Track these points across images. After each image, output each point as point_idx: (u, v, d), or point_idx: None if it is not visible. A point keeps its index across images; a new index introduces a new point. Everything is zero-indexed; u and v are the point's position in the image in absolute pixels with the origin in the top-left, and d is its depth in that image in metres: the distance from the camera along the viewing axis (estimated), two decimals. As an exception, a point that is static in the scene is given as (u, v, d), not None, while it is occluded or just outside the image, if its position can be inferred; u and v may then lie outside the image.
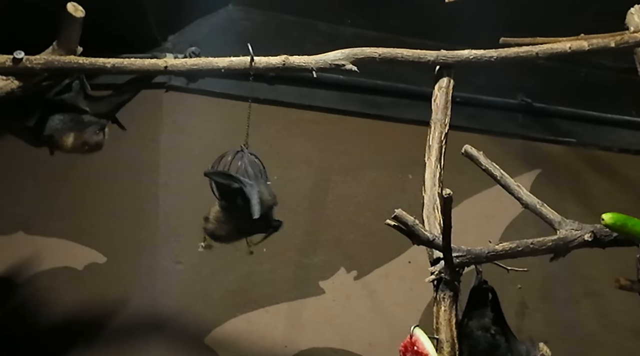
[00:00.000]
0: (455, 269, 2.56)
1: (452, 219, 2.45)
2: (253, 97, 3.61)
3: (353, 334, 3.61)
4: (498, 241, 3.61)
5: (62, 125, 2.82)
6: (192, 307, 3.41)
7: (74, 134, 2.84)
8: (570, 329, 3.94)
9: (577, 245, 2.61)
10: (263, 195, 2.75)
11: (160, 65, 2.76)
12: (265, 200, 2.74)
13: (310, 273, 3.65)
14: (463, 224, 2.77)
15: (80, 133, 2.85)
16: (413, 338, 2.47)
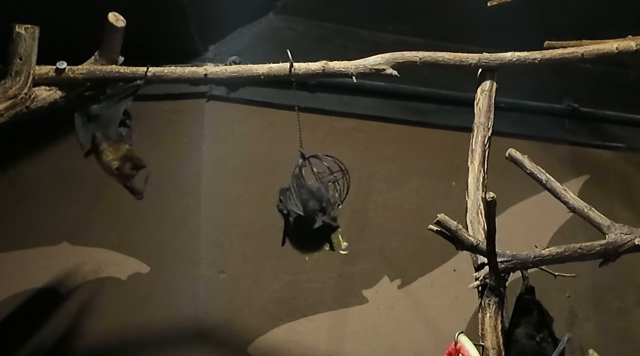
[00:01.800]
0: (500, 275, 2.51)
1: (496, 225, 2.40)
2: (295, 105, 3.65)
3: (398, 344, 3.56)
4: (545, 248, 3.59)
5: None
6: (236, 316, 3.40)
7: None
8: (623, 339, 3.84)
9: (627, 250, 2.55)
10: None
11: (200, 73, 2.77)
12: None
13: (354, 282, 3.61)
14: (509, 231, 2.73)
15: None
16: (458, 345, 2.42)
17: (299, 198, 2.91)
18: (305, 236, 3.05)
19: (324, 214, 2.93)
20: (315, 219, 2.91)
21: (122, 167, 2.80)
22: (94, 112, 2.83)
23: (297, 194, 2.92)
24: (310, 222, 2.93)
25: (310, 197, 2.93)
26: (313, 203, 2.93)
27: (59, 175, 3.40)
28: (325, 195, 2.93)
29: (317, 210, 2.93)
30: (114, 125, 2.87)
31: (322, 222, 2.90)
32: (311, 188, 2.95)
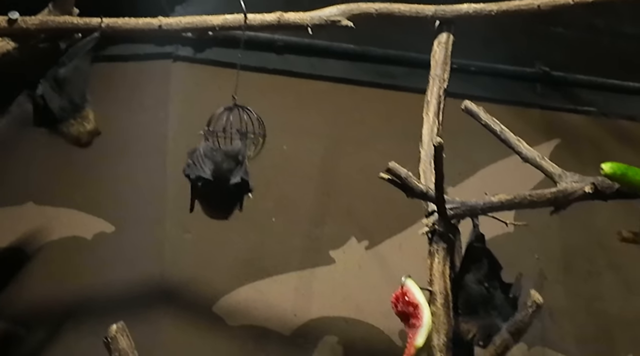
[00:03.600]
0: (449, 221, 2.51)
1: (466, 188, 2.41)
2: (261, 67, 3.66)
3: (365, 304, 3.56)
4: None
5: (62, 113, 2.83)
6: (201, 276, 3.40)
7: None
8: (592, 302, 3.83)
9: (577, 198, 2.55)
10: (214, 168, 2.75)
11: (155, 24, 2.77)
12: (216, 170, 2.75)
13: (321, 243, 3.62)
14: (479, 195, 2.72)
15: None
16: (404, 289, 2.43)
17: (212, 162, 2.83)
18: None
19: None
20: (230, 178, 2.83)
21: (90, 141, 2.84)
22: (61, 76, 2.84)
23: (209, 157, 2.83)
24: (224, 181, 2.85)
25: (225, 158, 2.85)
26: (228, 163, 2.86)
27: (24, 136, 3.40)
28: (242, 151, 2.85)
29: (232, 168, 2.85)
30: (80, 89, 2.89)
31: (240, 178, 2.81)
32: (226, 149, 2.87)
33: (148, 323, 3.28)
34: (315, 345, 3.49)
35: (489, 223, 3.38)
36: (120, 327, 2.52)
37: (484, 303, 2.45)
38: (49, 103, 2.81)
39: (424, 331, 2.35)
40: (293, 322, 3.49)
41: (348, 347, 3.52)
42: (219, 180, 2.82)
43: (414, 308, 2.39)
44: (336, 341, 3.52)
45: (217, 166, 2.79)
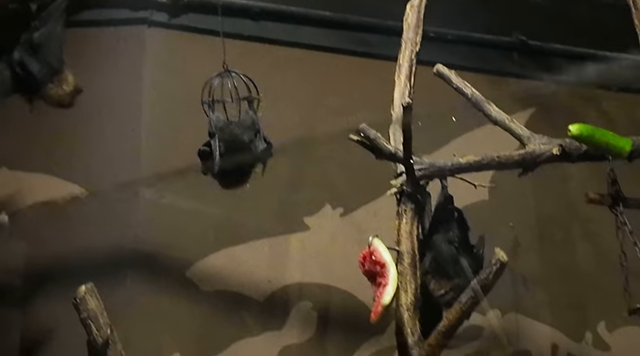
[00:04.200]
0: (417, 182, 2.52)
1: (441, 156, 2.41)
2: (237, 33, 3.63)
3: (339, 270, 3.57)
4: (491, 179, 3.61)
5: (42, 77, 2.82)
6: (174, 241, 3.40)
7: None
8: (565, 270, 3.85)
9: (545, 160, 2.56)
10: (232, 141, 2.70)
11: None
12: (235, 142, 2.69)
13: (296, 209, 3.62)
14: None
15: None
16: (371, 248, 2.44)
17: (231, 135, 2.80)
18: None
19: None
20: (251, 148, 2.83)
21: (72, 101, 2.83)
22: (36, 40, 2.83)
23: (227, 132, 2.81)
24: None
25: (243, 130, 2.84)
26: (248, 134, 2.86)
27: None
28: (255, 119, 2.87)
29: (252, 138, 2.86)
30: (56, 52, 2.87)
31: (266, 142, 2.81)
32: (239, 122, 2.86)
33: (121, 288, 3.28)
34: (289, 311, 3.50)
35: (464, 191, 3.42)
36: (89, 288, 2.53)
37: (452, 262, 2.47)
38: (29, 68, 2.80)
39: (390, 289, 2.36)
40: (267, 288, 3.50)
41: (322, 313, 3.53)
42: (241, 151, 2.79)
43: (381, 267, 2.40)
44: (310, 308, 3.53)
45: (237, 139, 2.78)
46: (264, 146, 2.81)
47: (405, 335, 2.39)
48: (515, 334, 3.70)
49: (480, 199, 3.80)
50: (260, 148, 2.81)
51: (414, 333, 2.40)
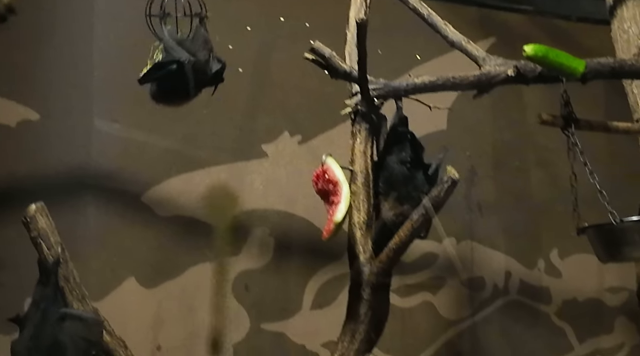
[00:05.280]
0: (371, 101, 2.51)
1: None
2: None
3: (297, 197, 3.57)
4: (450, 105, 3.61)
5: None
6: (129, 166, 3.37)
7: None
8: (520, 198, 3.90)
9: (500, 81, 2.55)
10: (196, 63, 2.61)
11: None
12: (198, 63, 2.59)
13: (254, 136, 3.59)
14: None
15: None
16: (324, 167, 2.43)
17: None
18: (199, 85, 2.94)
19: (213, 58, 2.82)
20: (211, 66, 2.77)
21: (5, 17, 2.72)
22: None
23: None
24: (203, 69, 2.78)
25: (197, 48, 2.76)
26: (203, 53, 2.78)
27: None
28: (207, 37, 2.80)
29: (207, 58, 2.79)
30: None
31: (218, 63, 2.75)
32: (193, 40, 2.77)
33: (75, 212, 3.26)
34: (246, 237, 3.51)
35: (423, 121, 3.42)
36: (39, 207, 2.50)
37: (405, 182, 2.47)
38: None
39: (342, 207, 2.37)
40: (224, 214, 3.49)
41: (279, 239, 3.54)
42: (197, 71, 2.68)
43: (334, 186, 2.40)
44: (268, 233, 3.54)
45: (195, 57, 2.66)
46: (218, 66, 2.74)
47: (357, 253, 2.41)
48: (470, 261, 3.76)
49: (438, 128, 3.82)
50: (214, 69, 2.75)
51: (365, 251, 2.41)
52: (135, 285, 3.28)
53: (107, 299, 3.18)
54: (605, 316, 3.79)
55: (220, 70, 2.73)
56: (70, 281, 2.41)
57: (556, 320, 3.75)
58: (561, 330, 3.74)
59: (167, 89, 2.63)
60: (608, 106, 3.75)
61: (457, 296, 3.70)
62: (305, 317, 3.49)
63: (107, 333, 2.39)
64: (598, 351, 3.74)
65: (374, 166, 2.51)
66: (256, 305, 3.44)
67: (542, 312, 3.74)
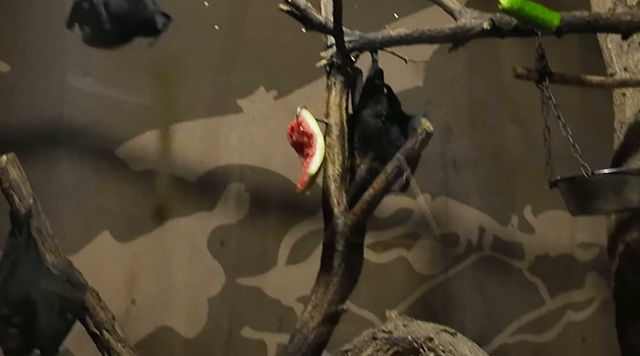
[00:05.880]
0: (347, 54, 2.49)
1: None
2: None
3: (272, 153, 3.56)
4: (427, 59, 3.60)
5: None
6: (103, 119, 3.34)
7: None
8: (496, 155, 3.92)
9: (476, 34, 2.54)
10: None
11: None
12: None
13: (229, 91, 3.57)
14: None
15: None
16: (299, 119, 2.42)
17: None
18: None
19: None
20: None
21: None
22: None
23: None
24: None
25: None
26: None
27: None
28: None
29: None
30: None
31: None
32: None
33: (48, 166, 3.24)
34: (221, 193, 3.50)
35: (400, 77, 3.41)
36: (10, 158, 2.47)
37: (380, 136, 2.46)
38: None
39: (317, 159, 2.36)
40: (199, 169, 3.48)
41: (255, 195, 3.54)
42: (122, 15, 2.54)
43: (308, 138, 2.40)
44: (243, 189, 3.53)
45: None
46: (163, 20, 2.53)
47: (332, 206, 2.41)
48: (444, 217, 3.79)
49: (415, 85, 3.82)
50: (160, 23, 2.54)
51: (340, 204, 2.42)
52: (109, 239, 3.27)
53: (81, 253, 3.17)
54: (577, 272, 3.84)
55: (159, 23, 2.51)
56: (42, 233, 2.40)
57: (528, 275, 3.80)
58: (533, 285, 3.79)
59: (95, 31, 2.46)
60: (583, 62, 3.76)
61: (431, 252, 3.73)
62: (280, 272, 3.51)
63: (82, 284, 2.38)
64: (569, 306, 3.80)
65: (349, 119, 2.49)
66: (231, 260, 3.45)
67: (515, 268, 3.79)
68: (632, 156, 2.72)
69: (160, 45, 3.04)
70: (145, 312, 3.27)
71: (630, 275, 2.71)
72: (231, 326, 3.38)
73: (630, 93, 2.76)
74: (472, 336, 2.05)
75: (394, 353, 1.96)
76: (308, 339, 2.34)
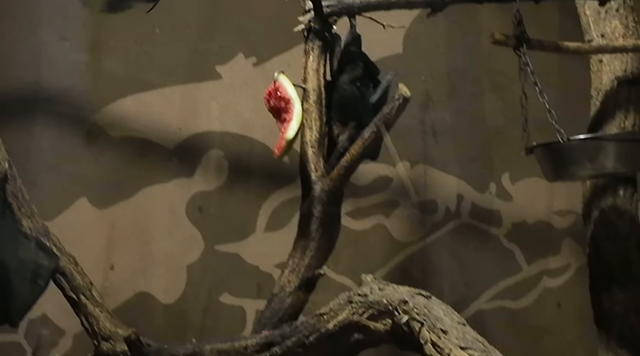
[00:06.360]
0: (325, 19, 2.48)
1: None
2: None
3: (251, 119, 3.55)
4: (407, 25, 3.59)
5: None
6: (80, 85, 3.32)
7: None
8: (474, 123, 3.93)
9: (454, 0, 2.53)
10: None
11: None
12: None
13: (208, 58, 3.55)
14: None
15: None
16: (277, 84, 2.42)
17: None
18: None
19: None
20: None
21: None
22: None
23: None
24: None
25: None
26: None
27: None
28: None
29: None
30: None
31: None
32: None
33: (25, 131, 3.23)
34: (200, 159, 3.50)
35: (379, 44, 3.40)
36: (-14, 123, 2.45)
37: (356, 103, 2.46)
38: None
39: (294, 124, 2.36)
40: (177, 136, 3.47)
41: (233, 162, 3.54)
42: None
43: (286, 103, 2.39)
44: (222, 156, 3.53)
45: None
46: None
47: (309, 171, 2.42)
48: (423, 185, 3.80)
49: (394, 52, 3.81)
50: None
51: (317, 169, 2.42)
52: (87, 205, 3.26)
53: (58, 219, 3.17)
54: (553, 238, 3.87)
55: None
56: (18, 197, 2.39)
57: (505, 242, 3.83)
58: (510, 252, 3.82)
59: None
60: (561, 30, 3.76)
61: (410, 219, 3.75)
62: (259, 239, 3.52)
63: (57, 250, 2.38)
64: (545, 272, 3.84)
65: (326, 85, 2.49)
66: (210, 226, 3.45)
67: (492, 235, 3.82)
68: (608, 122, 2.73)
69: (138, 11, 3.04)
70: (124, 278, 3.27)
71: (604, 240, 2.73)
72: (210, 293, 3.39)
73: (607, 60, 2.77)
74: (449, 302, 2.06)
75: (369, 316, 1.97)
76: (285, 303, 2.36)
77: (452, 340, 1.82)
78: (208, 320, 3.37)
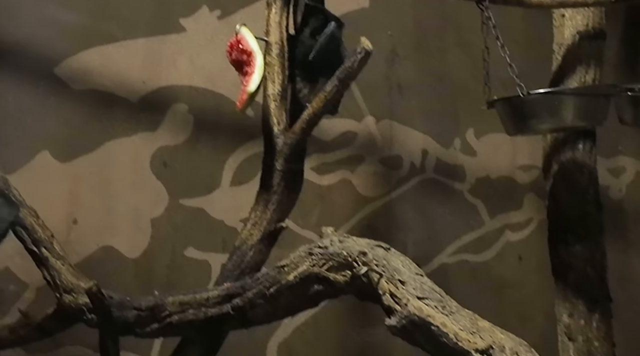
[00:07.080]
0: (288, -30, 2.45)
1: None
2: None
3: (216, 74, 3.52)
4: None
5: None
6: (39, 36, 3.25)
7: None
8: (440, 78, 3.94)
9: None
10: None
11: None
12: None
13: (171, 10, 3.50)
14: None
15: None
16: (238, 37, 2.40)
17: None
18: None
19: None
20: None
21: None
22: None
23: None
24: None
25: None
26: None
27: None
28: None
29: None
30: None
31: None
32: None
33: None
34: (164, 113, 3.47)
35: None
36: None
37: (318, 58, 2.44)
38: None
39: (256, 77, 2.35)
40: (141, 89, 3.43)
41: (198, 116, 3.52)
42: None
43: (248, 56, 2.37)
44: (186, 110, 3.50)
45: None
46: None
47: (271, 124, 2.41)
48: (389, 140, 3.82)
49: (360, 7, 3.79)
50: None
51: (279, 123, 2.42)
52: (49, 158, 3.23)
53: (19, 172, 3.13)
54: (516, 193, 3.93)
55: None
56: (-24, 150, 2.36)
57: (469, 197, 3.87)
58: (473, 207, 3.87)
59: None
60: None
61: (375, 174, 3.77)
62: (224, 193, 3.52)
63: (17, 202, 2.36)
64: (507, 226, 3.89)
65: (289, 38, 2.47)
66: (175, 181, 3.44)
67: (456, 190, 3.86)
68: (570, 77, 2.76)
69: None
70: (87, 232, 3.26)
71: (563, 193, 2.78)
72: (175, 247, 3.40)
73: (569, 15, 2.78)
74: (413, 256, 2.09)
75: (329, 268, 1.99)
76: (247, 256, 2.37)
77: (409, 290, 1.85)
78: (173, 274, 3.38)
